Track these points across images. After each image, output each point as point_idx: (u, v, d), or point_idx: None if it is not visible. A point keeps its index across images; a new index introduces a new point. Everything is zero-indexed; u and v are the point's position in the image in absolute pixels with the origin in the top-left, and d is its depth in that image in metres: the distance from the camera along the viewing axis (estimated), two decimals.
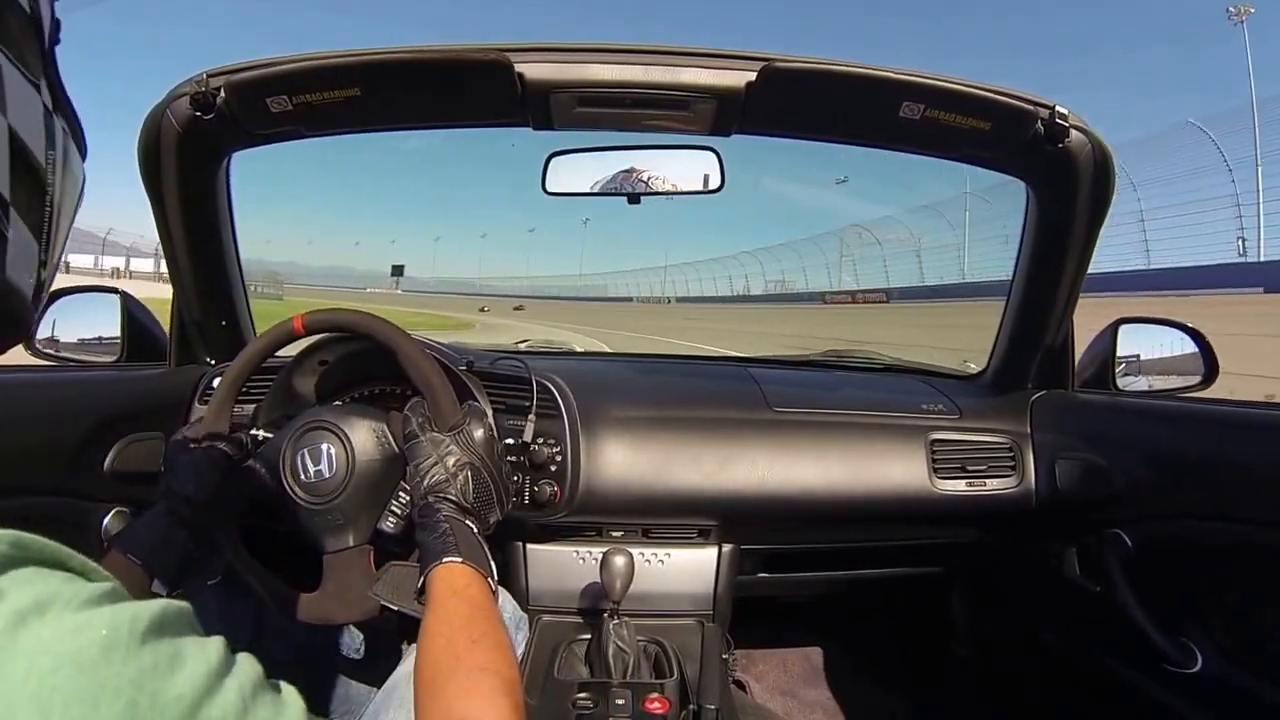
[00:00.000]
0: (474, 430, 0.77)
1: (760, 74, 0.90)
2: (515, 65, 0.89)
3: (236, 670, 0.30)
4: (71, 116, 0.39)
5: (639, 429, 1.14)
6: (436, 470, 0.73)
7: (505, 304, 51.00)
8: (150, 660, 0.26)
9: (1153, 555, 0.99)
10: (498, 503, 0.77)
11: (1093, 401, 1.19)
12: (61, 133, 0.38)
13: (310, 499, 0.80)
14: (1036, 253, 1.13)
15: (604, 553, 0.99)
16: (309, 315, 0.84)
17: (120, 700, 0.24)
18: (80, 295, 1.19)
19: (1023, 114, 0.94)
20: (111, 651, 0.25)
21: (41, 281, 0.39)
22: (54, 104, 0.38)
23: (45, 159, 0.37)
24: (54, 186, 0.38)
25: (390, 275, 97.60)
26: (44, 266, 0.39)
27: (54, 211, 0.38)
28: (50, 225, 0.38)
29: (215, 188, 1.08)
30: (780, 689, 1.59)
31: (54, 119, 0.38)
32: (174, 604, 0.30)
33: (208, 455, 0.80)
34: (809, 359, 1.60)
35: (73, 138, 0.39)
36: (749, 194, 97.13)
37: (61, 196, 0.38)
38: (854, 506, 1.15)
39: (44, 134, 0.37)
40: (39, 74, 0.36)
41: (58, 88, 0.38)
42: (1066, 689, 1.18)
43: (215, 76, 0.91)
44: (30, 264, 0.37)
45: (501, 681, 0.53)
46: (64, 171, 0.38)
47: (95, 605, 0.26)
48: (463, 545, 0.68)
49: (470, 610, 0.62)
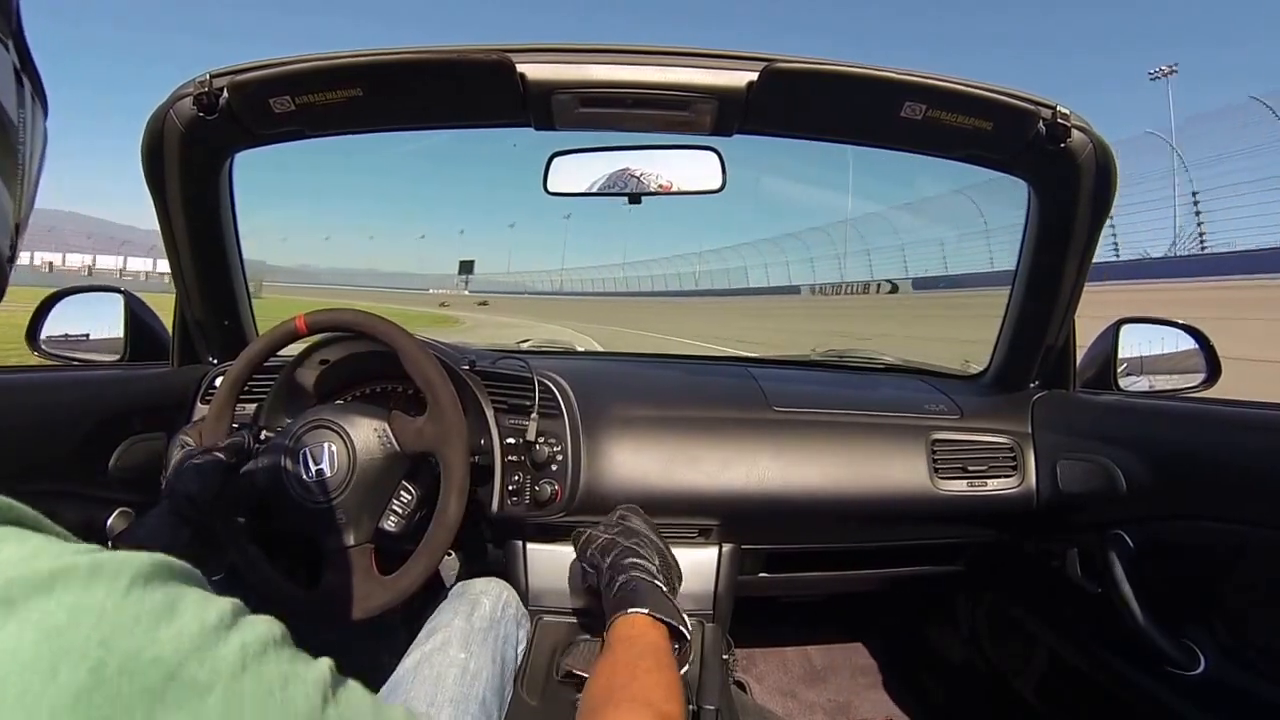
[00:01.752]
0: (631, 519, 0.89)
1: (761, 74, 0.90)
2: (517, 66, 0.89)
3: (244, 626, 0.27)
4: (35, 74, 0.39)
5: (640, 428, 1.14)
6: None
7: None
8: (131, 614, 0.22)
9: (1155, 556, 0.99)
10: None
11: (1094, 402, 1.19)
12: (29, 91, 0.38)
13: (312, 498, 0.80)
14: (1038, 252, 1.13)
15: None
16: (311, 315, 0.85)
17: (83, 665, 0.21)
18: (83, 295, 1.20)
19: (1024, 114, 0.93)
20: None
21: (15, 244, 0.38)
22: (20, 62, 0.37)
23: (17, 118, 0.36)
24: (25, 145, 0.37)
25: (458, 273, 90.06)
26: (18, 229, 0.38)
27: (24, 171, 0.37)
28: (21, 185, 0.37)
29: (218, 187, 1.09)
30: (781, 689, 1.59)
31: (22, 77, 0.37)
32: (173, 559, 0.27)
33: (210, 455, 0.80)
34: (810, 359, 1.60)
35: (37, 95, 0.39)
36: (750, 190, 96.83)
37: (31, 156, 0.38)
38: (855, 506, 1.15)
39: (15, 92, 0.36)
40: (6, 32, 0.36)
41: (23, 44, 0.38)
42: (1068, 690, 1.17)
43: (218, 76, 0.91)
44: (6, 223, 0.37)
45: (656, 714, 0.52)
46: (33, 130, 0.38)
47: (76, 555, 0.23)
48: (649, 597, 0.70)
49: (639, 650, 0.62)
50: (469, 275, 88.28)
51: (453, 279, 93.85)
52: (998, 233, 26.11)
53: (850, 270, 35.02)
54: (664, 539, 0.91)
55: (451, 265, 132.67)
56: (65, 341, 1.17)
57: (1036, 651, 1.25)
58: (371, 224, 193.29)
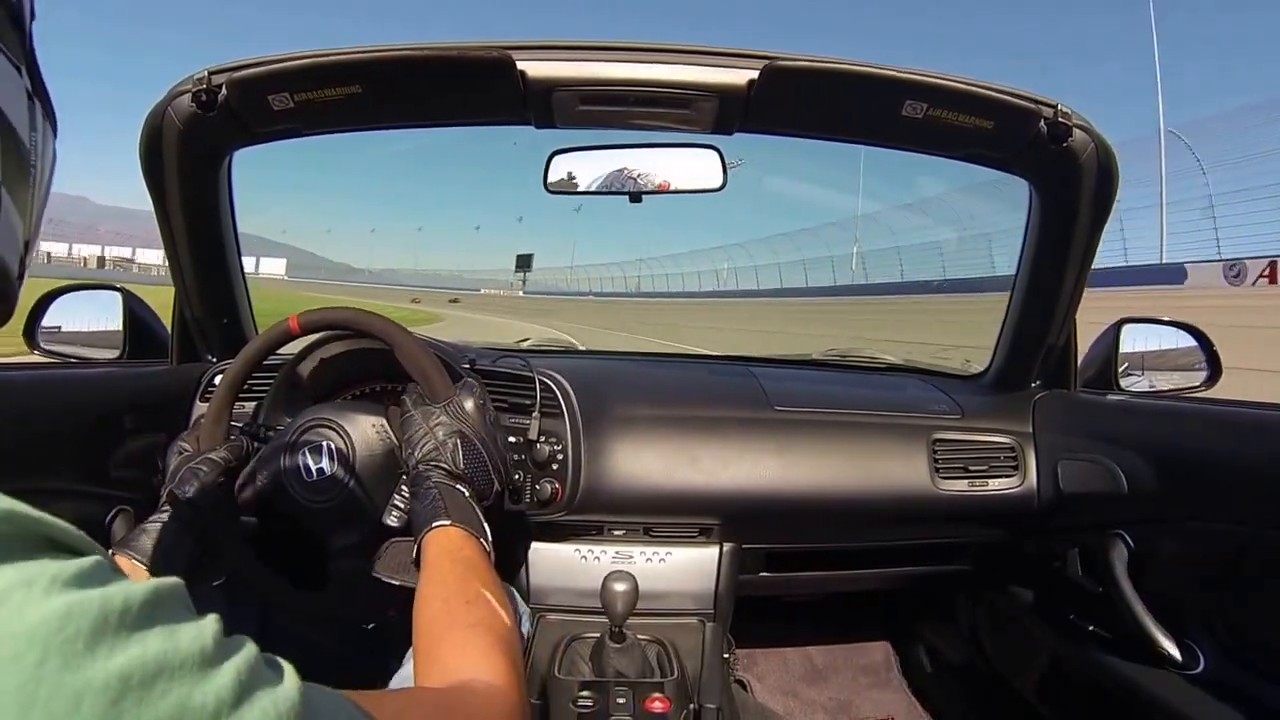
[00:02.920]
0: (464, 401, 0.77)
1: (762, 72, 0.89)
2: (518, 63, 0.89)
3: (232, 650, 0.28)
4: (46, 97, 0.40)
5: (641, 427, 1.14)
6: (426, 440, 0.74)
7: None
8: (139, 651, 0.24)
9: (1156, 556, 0.99)
10: (494, 471, 0.77)
11: (1095, 402, 1.19)
12: (40, 113, 0.39)
13: (314, 497, 0.80)
14: (1039, 252, 1.12)
15: (605, 576, 0.99)
16: (304, 315, 0.84)
17: (106, 695, 0.22)
18: (82, 293, 1.20)
19: (1026, 113, 0.93)
20: (99, 640, 0.23)
21: (24, 261, 0.39)
22: (33, 86, 0.38)
23: (29, 140, 0.37)
24: (37, 166, 0.38)
25: (515, 269, 76.73)
26: (27, 247, 0.39)
27: (34, 192, 0.38)
28: (31, 205, 0.38)
29: (217, 185, 1.08)
30: (781, 688, 1.59)
31: (34, 100, 0.38)
32: (167, 583, 0.28)
33: (208, 460, 0.80)
34: (811, 358, 1.59)
35: (47, 118, 0.40)
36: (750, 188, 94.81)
37: (40, 176, 0.39)
38: (855, 506, 1.15)
39: (28, 115, 0.37)
40: (20, 56, 0.37)
41: (35, 68, 0.39)
42: (1068, 689, 1.17)
43: (217, 74, 0.91)
44: (16, 243, 0.38)
45: (497, 638, 0.53)
46: (44, 151, 0.39)
47: (82, 586, 0.24)
48: (453, 509, 0.67)
49: (463, 570, 0.61)
50: (526, 272, 73.12)
51: (505, 278, 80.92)
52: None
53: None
54: (500, 428, 0.83)
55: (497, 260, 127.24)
56: (63, 338, 1.17)
57: (1037, 651, 1.24)
58: (422, 215, 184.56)
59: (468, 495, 0.71)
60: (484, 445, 0.76)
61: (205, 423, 0.86)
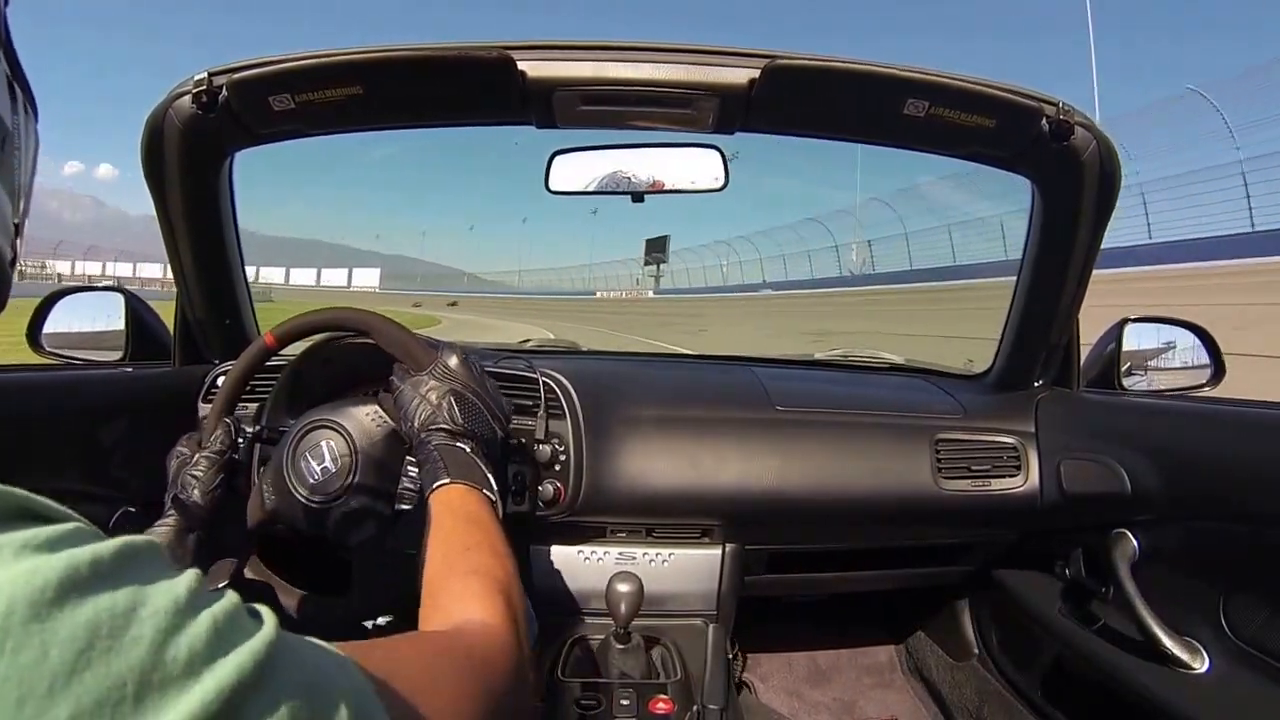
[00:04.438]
0: (448, 360, 0.77)
1: (763, 71, 0.89)
2: (518, 63, 0.89)
3: (210, 600, 0.28)
4: (25, 82, 0.40)
5: (643, 428, 1.14)
6: (422, 407, 0.73)
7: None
8: (109, 601, 0.24)
9: (1159, 555, 0.98)
10: (492, 418, 0.77)
11: (1098, 401, 1.19)
12: (20, 99, 0.39)
13: (322, 499, 0.80)
14: (1041, 251, 1.12)
15: (610, 577, 0.98)
16: (277, 327, 0.85)
17: (73, 645, 0.22)
18: (84, 294, 1.20)
19: (1027, 111, 0.93)
20: (67, 592, 0.23)
21: (14, 245, 0.39)
22: (11, 71, 0.38)
23: (11, 124, 0.37)
24: (20, 150, 0.38)
25: (644, 255, 49.46)
26: (18, 230, 0.39)
27: (20, 175, 0.39)
28: (18, 188, 0.38)
29: (218, 186, 1.08)
30: (785, 690, 1.59)
31: (14, 85, 0.38)
32: (140, 539, 0.28)
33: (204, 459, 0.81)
34: (814, 358, 1.59)
35: (27, 102, 0.40)
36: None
37: (25, 159, 0.39)
38: (858, 506, 1.14)
39: (8, 100, 0.37)
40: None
41: (12, 53, 0.39)
42: (1072, 690, 1.17)
43: (218, 75, 0.91)
44: (7, 224, 0.38)
45: (494, 582, 0.54)
46: (26, 134, 0.39)
47: (53, 549, 0.24)
48: (451, 466, 0.68)
49: (464, 523, 0.62)
50: (661, 259, 48.69)
51: (625, 271, 55.42)
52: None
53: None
54: (494, 387, 0.81)
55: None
56: (66, 340, 1.17)
57: (1041, 651, 1.24)
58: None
59: (469, 450, 0.71)
60: (478, 396, 0.76)
61: (205, 428, 0.86)
